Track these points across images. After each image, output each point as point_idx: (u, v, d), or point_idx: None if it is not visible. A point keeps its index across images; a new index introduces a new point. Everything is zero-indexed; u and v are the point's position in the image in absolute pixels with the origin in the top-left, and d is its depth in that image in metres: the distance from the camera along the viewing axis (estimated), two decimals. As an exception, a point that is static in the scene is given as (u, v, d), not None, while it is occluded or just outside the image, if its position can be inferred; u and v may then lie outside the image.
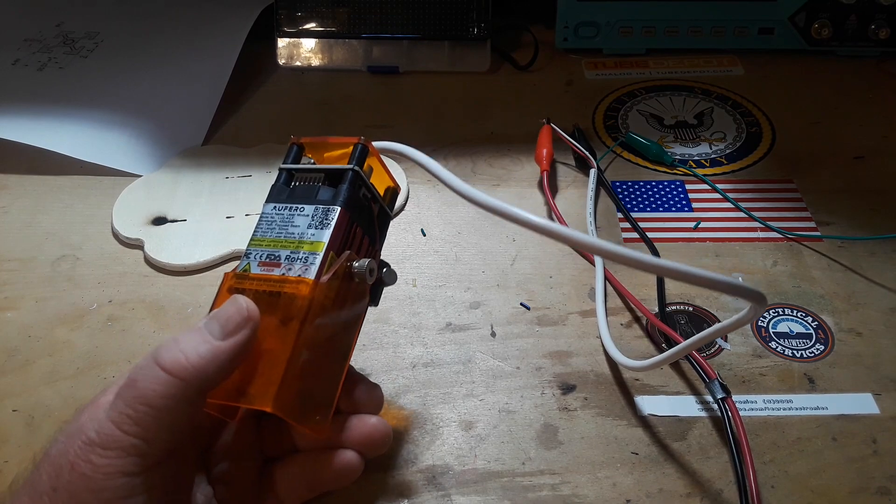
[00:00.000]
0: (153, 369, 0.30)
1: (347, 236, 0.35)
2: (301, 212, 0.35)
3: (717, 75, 0.67)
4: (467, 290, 0.49)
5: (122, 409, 0.29)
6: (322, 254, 0.33)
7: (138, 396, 0.29)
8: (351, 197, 0.35)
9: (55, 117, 0.61)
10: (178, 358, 0.30)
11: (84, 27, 0.72)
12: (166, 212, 0.54)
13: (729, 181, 0.57)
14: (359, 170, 0.36)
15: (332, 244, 0.34)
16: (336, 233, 0.34)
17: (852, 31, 0.66)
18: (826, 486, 0.38)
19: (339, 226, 0.34)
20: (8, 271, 0.50)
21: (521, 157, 0.59)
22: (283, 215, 0.35)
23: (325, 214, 0.34)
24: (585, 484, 0.38)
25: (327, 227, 0.34)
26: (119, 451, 0.29)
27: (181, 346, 0.30)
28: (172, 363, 0.30)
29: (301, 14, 0.67)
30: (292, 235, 0.34)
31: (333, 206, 0.34)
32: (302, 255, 0.33)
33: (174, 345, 0.30)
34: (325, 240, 0.33)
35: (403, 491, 0.38)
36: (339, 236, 0.34)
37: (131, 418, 0.29)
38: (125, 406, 0.29)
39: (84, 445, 0.29)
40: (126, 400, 0.29)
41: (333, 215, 0.34)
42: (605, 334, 0.44)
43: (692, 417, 0.41)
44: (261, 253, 0.34)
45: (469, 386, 0.43)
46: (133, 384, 0.29)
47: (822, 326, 0.46)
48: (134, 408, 0.29)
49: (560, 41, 0.69)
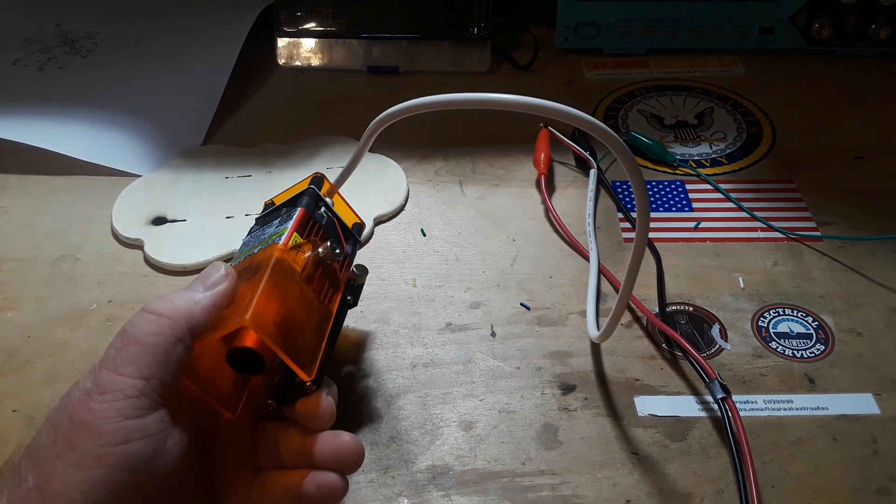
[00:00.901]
0: (141, 315, 0.32)
1: (310, 230, 0.39)
2: (269, 225, 0.40)
3: (717, 75, 0.67)
4: (467, 290, 0.49)
5: (114, 355, 0.31)
6: (286, 233, 0.37)
7: (129, 339, 0.31)
8: (309, 204, 0.40)
9: (55, 117, 0.61)
10: (165, 303, 0.32)
11: (84, 27, 0.72)
12: (166, 212, 0.54)
13: (729, 181, 0.57)
14: (314, 188, 0.41)
15: (296, 227, 0.38)
16: (298, 222, 0.38)
17: (852, 31, 0.66)
18: (826, 486, 0.38)
19: (301, 219, 0.39)
20: (8, 271, 0.50)
21: (520, 158, 0.59)
22: (255, 234, 0.41)
23: (288, 215, 0.39)
24: (585, 484, 0.38)
25: (291, 220, 0.38)
26: (116, 392, 0.29)
27: (168, 297, 0.33)
28: (161, 307, 0.32)
29: (301, 14, 0.67)
30: (262, 238, 0.39)
31: (295, 209, 0.39)
32: (271, 242, 0.37)
33: (162, 298, 0.33)
34: (289, 225, 0.38)
35: (403, 491, 0.38)
36: (302, 226, 0.39)
37: (125, 359, 0.30)
38: (118, 351, 0.31)
39: (82, 396, 0.30)
40: (118, 346, 0.31)
41: (295, 213, 0.39)
42: (591, 315, 0.45)
43: (692, 417, 0.41)
44: (239, 262, 0.39)
45: (469, 386, 0.43)
46: (123, 332, 0.31)
47: (822, 326, 0.46)
48: (126, 349, 0.31)
49: (560, 41, 0.69)
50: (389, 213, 0.54)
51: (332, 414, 0.35)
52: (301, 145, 0.60)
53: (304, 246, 0.38)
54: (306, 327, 0.36)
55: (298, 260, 0.37)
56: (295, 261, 0.37)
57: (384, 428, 0.41)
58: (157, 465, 0.30)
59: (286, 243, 0.37)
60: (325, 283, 0.38)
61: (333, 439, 0.35)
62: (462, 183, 0.57)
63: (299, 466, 0.35)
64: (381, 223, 0.54)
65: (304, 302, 0.37)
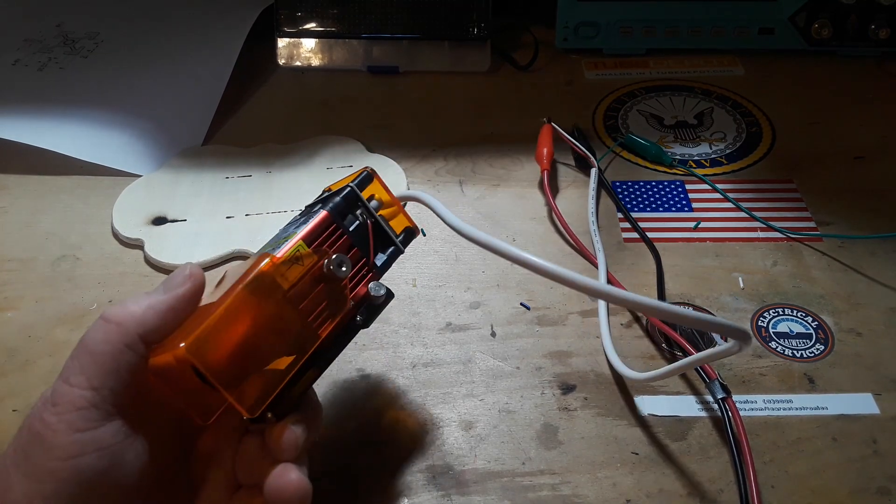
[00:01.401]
0: (95, 322, 0.31)
1: (327, 236, 0.35)
2: (296, 223, 0.37)
3: (717, 75, 0.67)
4: (467, 290, 0.49)
5: (68, 364, 0.30)
6: (292, 240, 0.34)
7: (81, 348, 0.30)
8: (338, 205, 0.36)
9: (55, 117, 0.61)
10: (118, 310, 0.31)
11: (84, 27, 0.72)
12: (166, 212, 0.54)
13: (729, 181, 0.57)
14: (353, 187, 0.37)
15: (306, 236, 0.34)
16: (313, 228, 0.35)
17: (852, 31, 0.66)
18: (826, 486, 0.38)
19: (318, 224, 0.35)
20: (8, 271, 0.50)
21: (520, 157, 0.59)
22: (283, 228, 0.37)
23: (309, 216, 0.36)
24: (585, 484, 0.38)
25: (307, 224, 0.35)
26: (68, 404, 0.29)
27: (125, 303, 0.31)
28: (112, 313, 0.31)
29: (301, 14, 0.67)
30: (279, 237, 0.36)
31: (319, 210, 0.36)
32: (282, 239, 0.35)
33: (120, 304, 0.31)
34: (300, 232, 0.34)
35: (403, 491, 0.38)
36: (317, 232, 0.35)
37: (75, 369, 0.29)
38: (71, 360, 0.30)
39: (40, 406, 0.29)
40: (74, 357, 0.30)
41: (316, 216, 0.35)
42: (609, 345, 0.44)
43: (692, 417, 0.41)
44: (259, 247, 0.36)
45: (469, 386, 0.43)
46: (81, 341, 0.31)
47: (822, 326, 0.46)
48: (79, 359, 0.30)
49: (560, 41, 0.69)
50: (389, 213, 0.54)
51: (292, 446, 0.32)
52: (301, 145, 0.60)
53: (305, 258, 0.34)
54: (268, 356, 0.33)
55: (289, 275, 0.33)
56: (284, 276, 0.33)
57: (384, 428, 0.41)
58: (113, 478, 0.29)
59: (284, 254, 0.33)
60: (322, 303, 0.34)
61: (282, 474, 0.32)
62: (462, 183, 0.57)
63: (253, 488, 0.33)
64: (382, 223, 0.54)
65: (278, 326, 0.33)
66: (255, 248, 0.50)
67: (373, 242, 0.37)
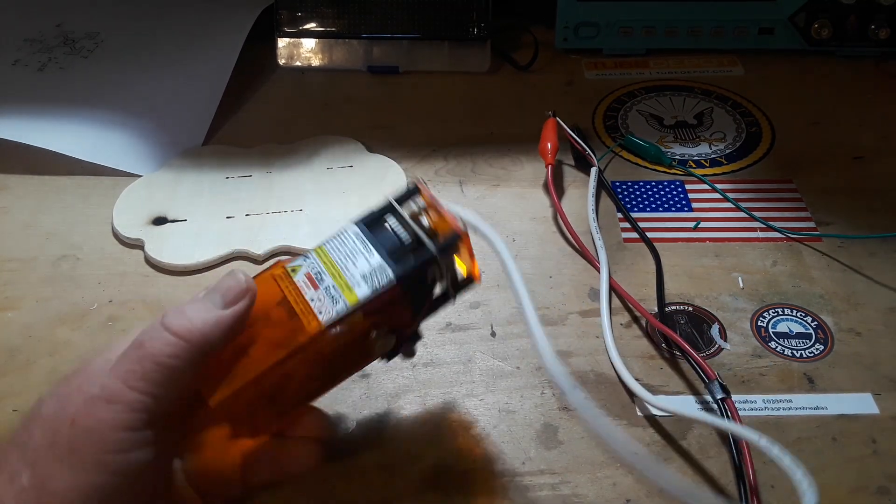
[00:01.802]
0: (161, 332, 0.31)
1: (388, 307, 0.34)
2: (369, 255, 0.34)
3: (716, 75, 0.67)
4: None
5: (128, 367, 0.31)
6: (350, 308, 0.33)
7: (147, 356, 0.31)
8: (412, 276, 0.34)
9: (55, 117, 0.61)
10: (184, 323, 0.31)
11: (84, 27, 0.72)
12: (167, 212, 0.54)
13: (729, 181, 0.57)
14: (438, 258, 0.34)
15: (366, 306, 0.33)
16: (376, 300, 0.33)
17: (852, 31, 0.66)
18: (826, 486, 0.38)
19: (384, 296, 0.33)
20: (8, 271, 0.50)
21: (521, 157, 0.59)
22: (355, 246, 0.35)
23: (380, 275, 0.34)
24: (585, 484, 0.38)
25: (373, 288, 0.33)
26: (124, 405, 0.30)
27: (187, 314, 0.32)
28: (180, 327, 0.31)
29: (301, 14, 0.67)
30: (345, 271, 0.34)
31: (391, 275, 0.33)
32: (338, 295, 0.33)
33: (180, 312, 0.32)
34: (362, 297, 0.33)
35: (403, 491, 0.38)
36: (378, 304, 0.33)
37: (139, 375, 0.30)
38: (132, 364, 0.31)
39: (87, 401, 0.30)
40: (133, 359, 0.31)
41: (386, 283, 0.33)
42: (619, 364, 0.44)
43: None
44: (314, 265, 0.35)
45: (469, 386, 0.43)
46: (141, 345, 0.31)
47: (821, 326, 0.46)
48: (142, 366, 0.30)
49: (560, 41, 0.69)
50: (389, 213, 0.54)
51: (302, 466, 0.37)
52: (301, 145, 0.60)
53: (357, 323, 0.33)
54: (277, 405, 0.35)
55: (330, 344, 0.33)
56: (326, 344, 0.33)
57: (384, 428, 0.41)
58: (154, 471, 0.31)
59: (332, 320, 0.32)
60: (344, 362, 0.35)
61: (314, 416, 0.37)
62: (462, 183, 0.57)
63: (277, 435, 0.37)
64: (382, 223, 0.54)
65: (298, 382, 0.34)
66: (255, 248, 0.50)
67: (427, 308, 0.36)
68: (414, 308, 0.35)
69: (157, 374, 0.31)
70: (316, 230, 0.52)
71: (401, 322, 0.35)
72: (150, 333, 0.31)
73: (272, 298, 0.34)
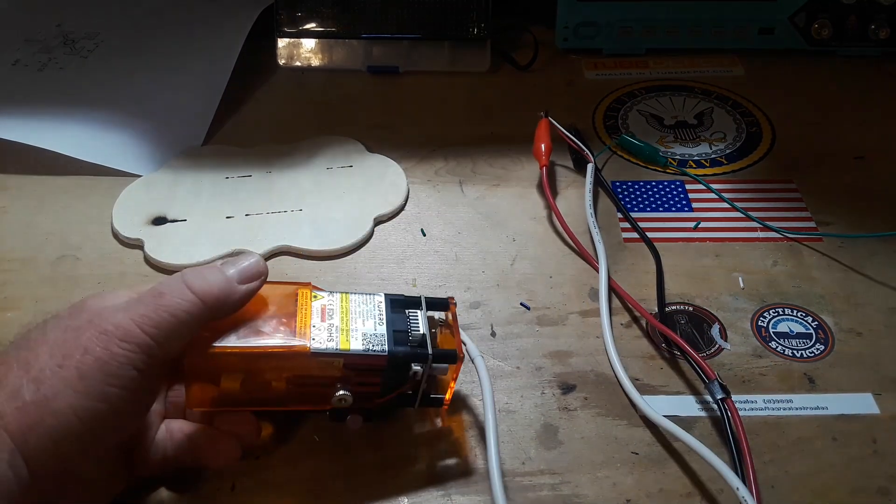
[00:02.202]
0: (181, 287, 0.34)
1: (365, 371, 0.37)
2: (379, 324, 0.38)
3: (717, 75, 0.67)
4: (467, 290, 0.49)
5: (144, 312, 0.33)
6: (338, 351, 0.36)
7: (164, 306, 0.33)
8: (400, 360, 0.37)
9: (55, 117, 0.61)
10: (203, 285, 0.34)
11: (84, 27, 0.72)
12: (166, 212, 0.54)
13: (729, 181, 0.57)
14: (428, 362, 0.37)
15: (350, 359, 0.36)
16: (360, 359, 0.37)
17: (852, 31, 0.66)
18: (826, 486, 0.38)
19: (368, 360, 0.37)
20: (8, 271, 0.50)
21: (520, 157, 0.59)
22: (373, 311, 0.38)
23: (377, 342, 0.37)
24: (585, 484, 0.38)
25: (366, 348, 0.37)
26: (135, 345, 0.32)
27: (207, 278, 0.35)
28: (199, 287, 0.34)
29: (301, 14, 0.67)
30: (353, 322, 0.38)
31: (385, 348, 0.37)
32: (335, 336, 0.37)
33: (200, 274, 0.35)
34: (352, 349, 0.36)
35: (403, 491, 0.38)
36: (360, 363, 0.37)
37: (152, 322, 0.33)
38: (148, 310, 0.33)
39: (101, 335, 0.32)
40: (151, 306, 0.33)
41: (377, 350, 0.37)
42: (611, 347, 0.44)
43: (692, 417, 0.41)
44: (332, 303, 0.38)
45: (469, 386, 0.43)
46: (160, 295, 0.34)
47: (822, 326, 0.46)
48: (157, 314, 0.33)
49: (560, 41, 0.69)
50: (389, 213, 0.54)
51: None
52: (301, 145, 0.60)
53: (334, 367, 0.37)
54: (243, 389, 0.37)
55: (308, 366, 0.36)
56: (304, 366, 0.36)
57: (384, 427, 0.41)
58: (134, 415, 0.34)
59: (320, 353, 0.36)
60: (303, 391, 0.38)
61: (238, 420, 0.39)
62: (462, 183, 0.57)
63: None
64: (381, 223, 0.54)
65: (263, 382, 0.37)
66: (255, 248, 0.50)
67: (393, 399, 0.38)
68: (383, 388, 0.38)
69: (169, 324, 0.33)
70: (316, 230, 0.52)
71: (365, 392, 0.38)
72: (170, 286, 0.34)
73: (287, 305, 0.37)
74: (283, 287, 0.39)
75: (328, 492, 0.38)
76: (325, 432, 0.41)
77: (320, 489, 0.38)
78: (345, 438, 0.40)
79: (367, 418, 0.39)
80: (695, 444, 0.37)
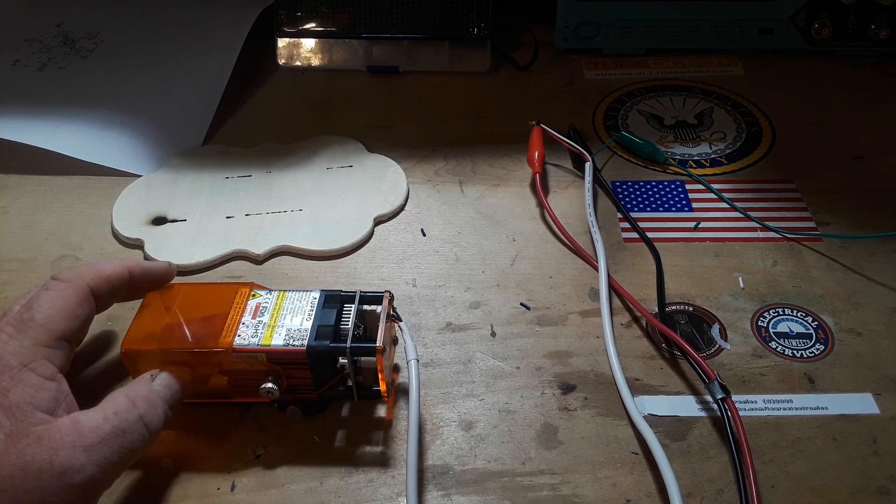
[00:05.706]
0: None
1: (289, 366, 0.39)
2: (306, 319, 0.39)
3: (717, 75, 0.67)
4: (467, 290, 0.49)
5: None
6: (259, 347, 0.38)
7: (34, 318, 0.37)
8: (321, 354, 0.38)
9: (55, 117, 0.61)
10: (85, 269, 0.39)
11: (84, 27, 0.72)
12: (166, 212, 0.54)
13: (728, 181, 0.57)
14: (347, 353, 0.38)
15: (272, 354, 0.38)
16: (281, 354, 0.38)
17: (852, 31, 0.66)
18: (826, 486, 0.38)
19: (288, 355, 0.38)
20: (8, 271, 0.50)
21: (521, 158, 0.59)
22: (304, 307, 0.40)
23: (298, 338, 0.38)
24: (585, 484, 0.38)
25: (285, 344, 0.38)
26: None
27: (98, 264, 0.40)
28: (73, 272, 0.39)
29: (301, 14, 0.67)
30: (281, 319, 0.39)
31: (304, 343, 0.38)
32: (261, 333, 0.38)
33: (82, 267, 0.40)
34: (272, 345, 0.38)
35: (403, 491, 0.38)
36: (282, 358, 0.38)
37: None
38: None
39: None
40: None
41: (296, 346, 0.38)
42: (611, 347, 0.44)
43: (692, 417, 0.41)
44: (268, 302, 0.40)
45: (469, 386, 0.43)
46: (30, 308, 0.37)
47: (822, 326, 0.46)
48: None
49: (560, 41, 0.69)
50: (389, 213, 0.54)
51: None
52: (301, 145, 0.60)
53: (258, 363, 0.38)
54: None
55: (233, 363, 0.38)
56: (229, 361, 0.38)
57: (384, 427, 0.41)
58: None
59: (242, 351, 0.38)
60: (233, 384, 0.39)
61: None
62: (462, 183, 0.57)
63: None
64: (381, 223, 0.54)
65: (192, 374, 0.39)
66: (255, 247, 0.50)
67: (331, 392, 0.40)
68: (315, 380, 0.39)
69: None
70: (315, 230, 0.52)
71: (297, 385, 0.39)
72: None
73: (224, 304, 0.40)
74: (225, 287, 0.41)
75: (329, 491, 0.38)
76: (325, 432, 0.41)
77: (322, 489, 0.38)
78: (345, 439, 0.40)
79: (305, 411, 0.40)
80: (657, 449, 0.38)
